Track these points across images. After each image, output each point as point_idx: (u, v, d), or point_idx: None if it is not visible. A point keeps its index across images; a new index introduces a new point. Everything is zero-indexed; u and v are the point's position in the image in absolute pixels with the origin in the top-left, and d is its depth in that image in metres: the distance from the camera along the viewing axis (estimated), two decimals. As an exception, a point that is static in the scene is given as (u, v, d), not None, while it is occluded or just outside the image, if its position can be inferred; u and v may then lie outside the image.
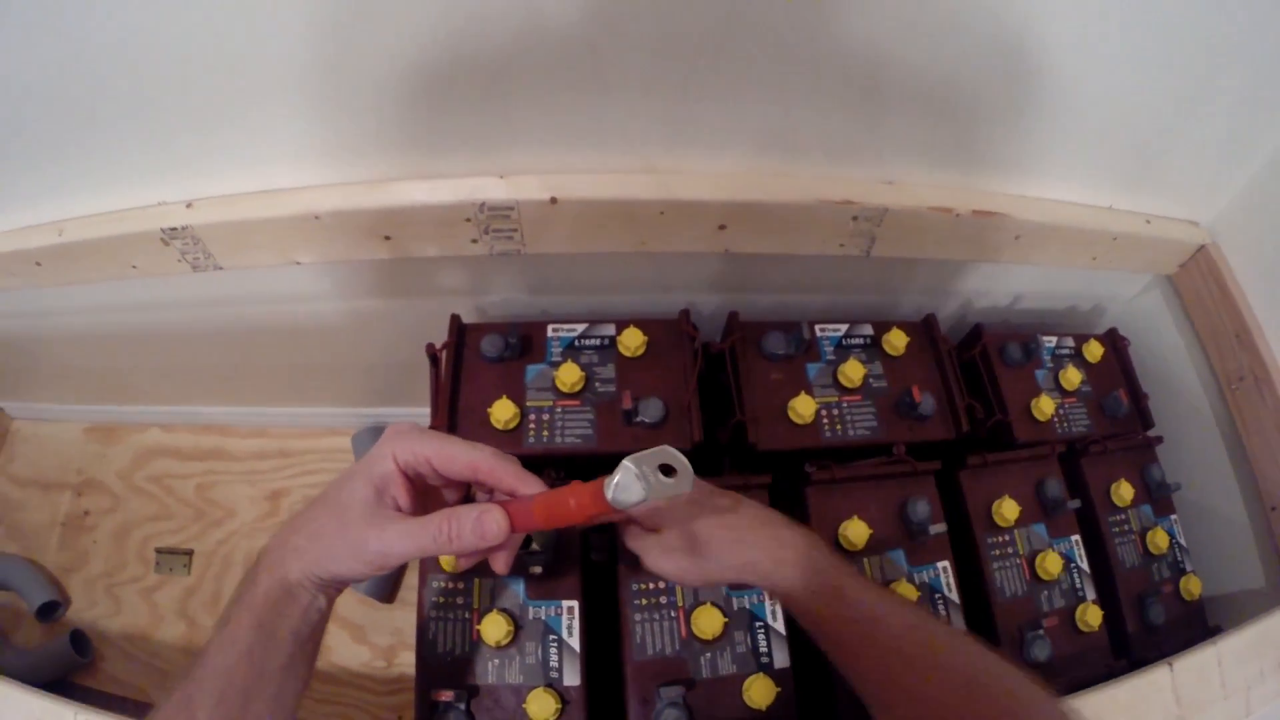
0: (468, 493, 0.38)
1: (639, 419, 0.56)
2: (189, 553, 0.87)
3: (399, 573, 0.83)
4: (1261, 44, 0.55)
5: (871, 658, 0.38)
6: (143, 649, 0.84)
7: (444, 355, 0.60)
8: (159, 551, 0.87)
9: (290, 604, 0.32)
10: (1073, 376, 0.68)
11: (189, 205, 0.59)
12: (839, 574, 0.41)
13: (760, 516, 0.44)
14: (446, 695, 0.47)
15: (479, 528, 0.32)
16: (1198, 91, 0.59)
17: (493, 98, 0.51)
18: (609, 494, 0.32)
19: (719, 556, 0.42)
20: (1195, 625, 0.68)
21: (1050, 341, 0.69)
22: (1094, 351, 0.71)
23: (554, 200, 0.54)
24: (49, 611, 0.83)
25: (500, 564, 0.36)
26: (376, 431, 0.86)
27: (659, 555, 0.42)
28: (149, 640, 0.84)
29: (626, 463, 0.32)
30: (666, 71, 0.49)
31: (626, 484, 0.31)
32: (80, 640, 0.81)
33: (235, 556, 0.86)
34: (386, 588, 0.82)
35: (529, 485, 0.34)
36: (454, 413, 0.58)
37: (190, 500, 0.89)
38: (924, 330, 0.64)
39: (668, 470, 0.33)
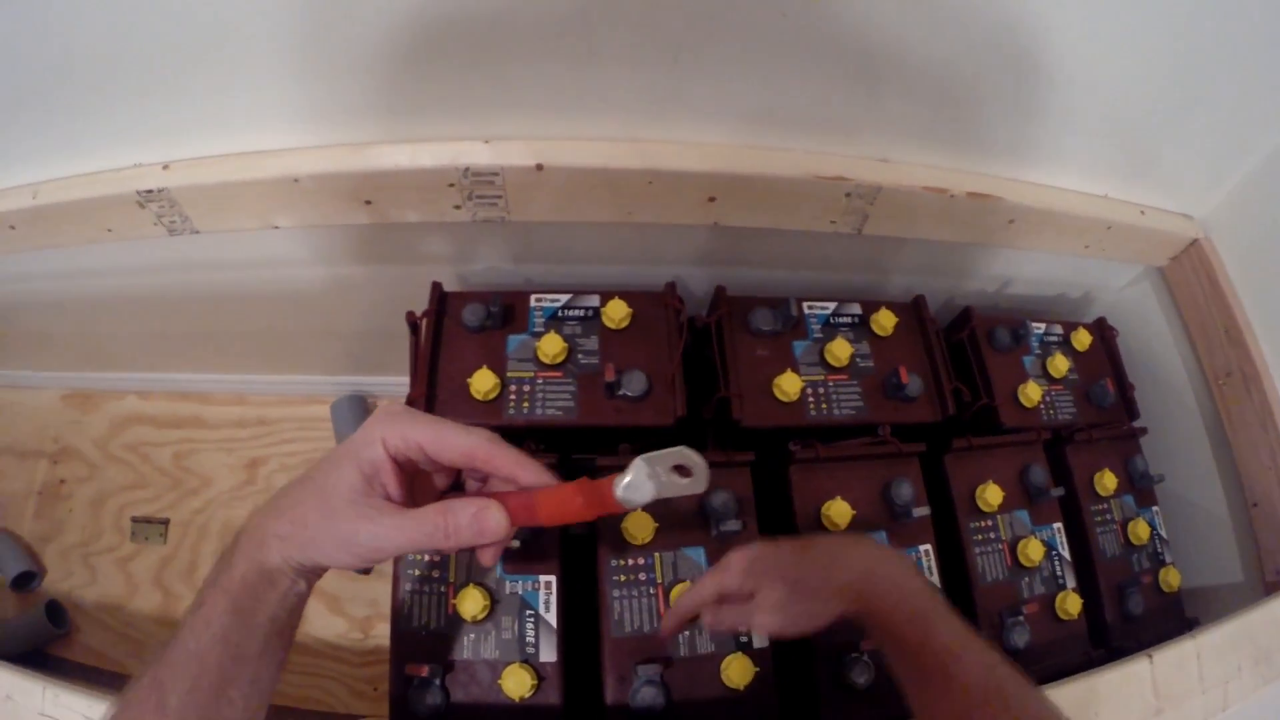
0: (458, 478, 0.36)
1: (622, 392, 0.55)
2: (165, 522, 0.85)
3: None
4: (1263, 44, 0.55)
5: (947, 693, 0.37)
6: (118, 619, 0.83)
7: (424, 323, 0.58)
8: (135, 520, 0.86)
9: (269, 589, 0.30)
10: (1060, 364, 0.67)
11: (165, 167, 0.58)
12: (930, 600, 0.40)
13: (842, 539, 0.45)
14: (422, 670, 0.46)
15: (477, 524, 0.30)
16: (1199, 87, 0.59)
17: (480, 62, 0.49)
18: (619, 493, 0.31)
19: (817, 591, 0.41)
20: (1173, 617, 0.68)
21: (1039, 328, 0.69)
22: (1082, 340, 0.70)
23: (540, 167, 0.53)
24: (25, 581, 0.82)
25: (488, 557, 0.34)
26: (356, 400, 0.85)
27: (768, 616, 0.41)
28: (124, 610, 0.83)
29: (639, 461, 0.31)
30: (658, 42, 0.48)
31: (638, 483, 0.31)
32: (56, 611, 0.80)
33: (212, 526, 0.84)
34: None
35: (529, 472, 0.32)
36: (433, 383, 0.57)
37: (167, 469, 0.87)
38: (913, 311, 0.64)
39: (682, 471, 0.32)
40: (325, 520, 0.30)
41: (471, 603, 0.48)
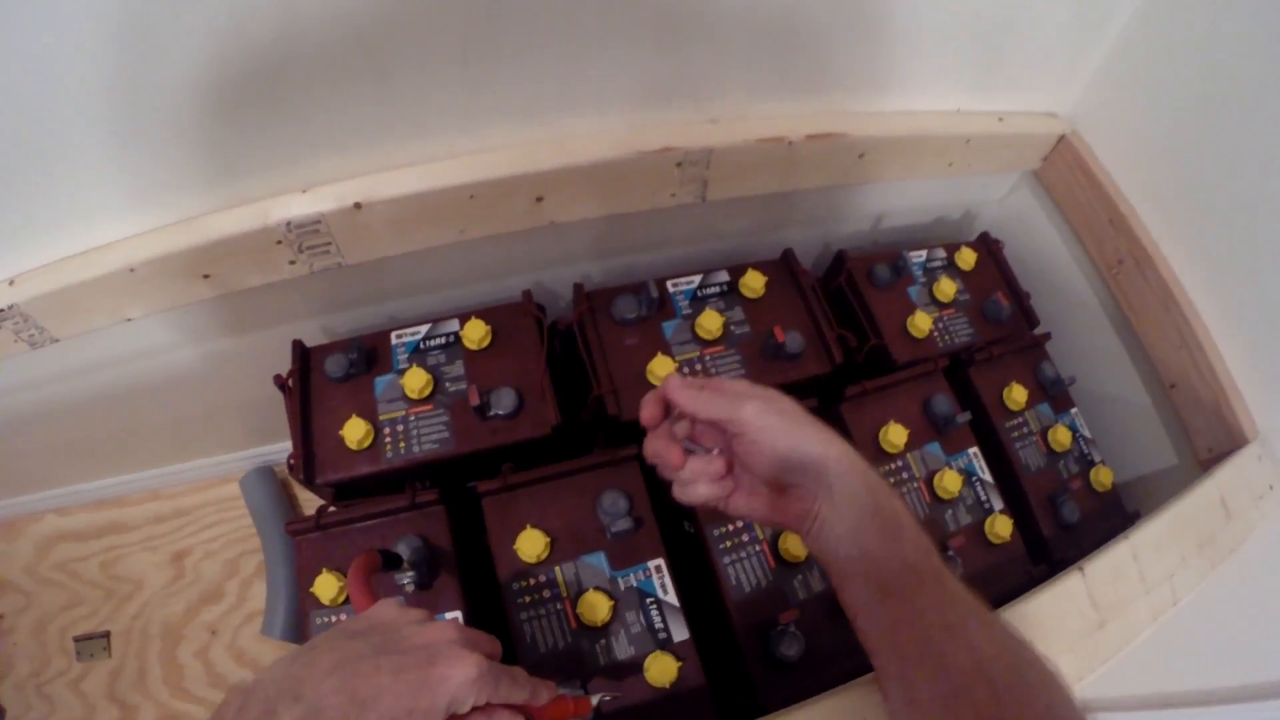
0: None
1: (493, 412, 0.53)
2: (106, 635, 0.83)
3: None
4: None
5: (910, 615, 0.34)
6: (83, 744, 0.81)
7: (291, 383, 0.57)
8: (77, 640, 0.84)
9: None
10: (947, 287, 0.66)
11: (11, 283, 0.56)
12: (895, 498, 0.36)
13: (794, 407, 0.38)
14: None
15: None
16: None
17: (277, 111, 0.48)
18: None
19: (819, 429, 0.37)
20: (1114, 515, 0.67)
21: (919, 256, 0.68)
22: (967, 259, 0.69)
23: (358, 205, 0.51)
24: (-14, 725, 0.80)
25: None
26: (265, 471, 0.83)
27: (745, 502, 0.39)
28: (87, 733, 0.81)
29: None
30: (442, 45, 0.46)
31: None
32: (19, 747, 0.78)
33: (151, 629, 0.82)
34: (301, 627, 0.79)
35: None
36: (309, 440, 0.55)
37: (97, 580, 0.85)
38: (784, 266, 0.62)
39: None
40: None
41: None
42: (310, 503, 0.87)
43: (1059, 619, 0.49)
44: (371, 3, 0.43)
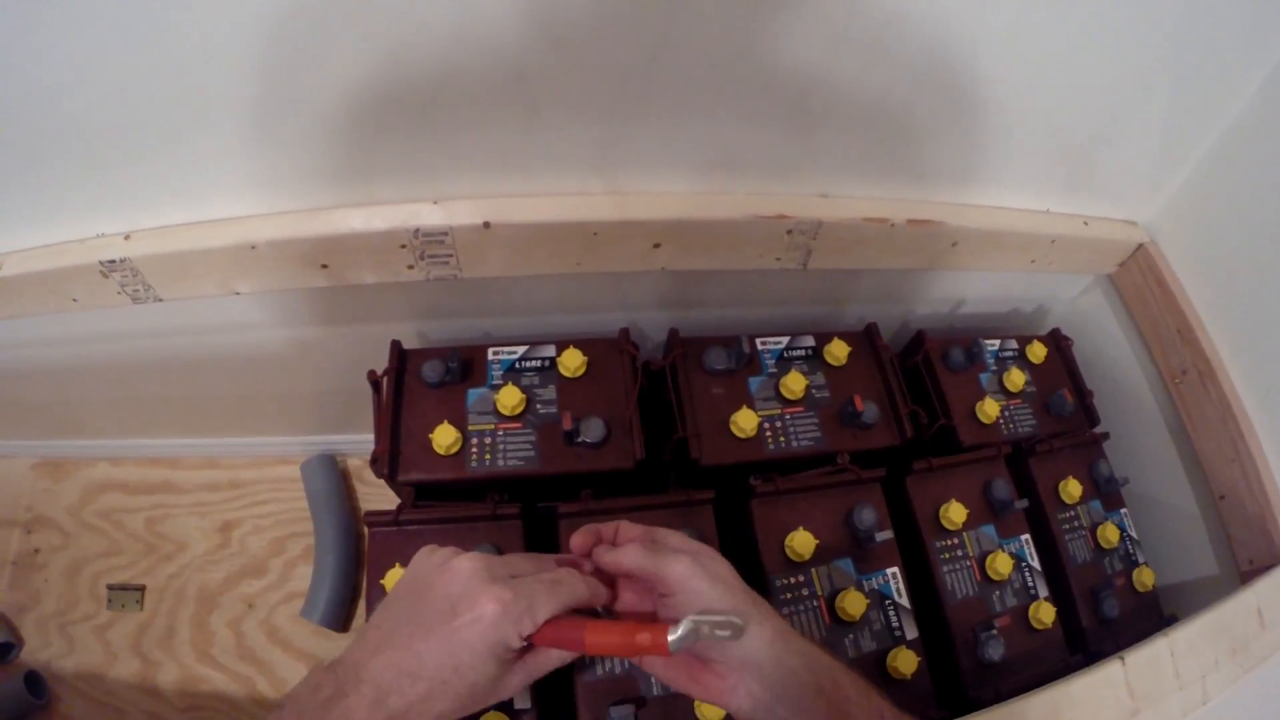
0: None
1: (581, 439, 0.55)
2: (141, 588, 0.85)
3: (351, 599, 0.82)
4: (1191, 45, 0.56)
5: None
6: (98, 689, 0.82)
7: (385, 381, 0.59)
8: (110, 588, 0.85)
9: None
10: (1016, 378, 0.69)
11: (127, 237, 0.58)
12: (839, 672, 0.35)
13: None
14: None
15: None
16: (1131, 94, 0.60)
17: (426, 129, 0.51)
18: (671, 644, 0.32)
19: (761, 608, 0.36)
20: (1150, 616, 0.68)
21: (993, 344, 0.70)
22: (1037, 352, 0.72)
23: (487, 225, 0.54)
24: (3, 653, 0.81)
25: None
26: (326, 459, 0.85)
27: (660, 667, 0.38)
28: (104, 680, 0.82)
29: (689, 621, 0.33)
30: (596, 96, 0.49)
31: (686, 638, 0.32)
32: (35, 682, 0.79)
33: (188, 591, 0.84)
34: (341, 616, 0.81)
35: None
36: (396, 438, 0.57)
37: (140, 535, 0.87)
38: (865, 339, 0.65)
39: (722, 626, 0.33)
40: (472, 702, 0.32)
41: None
42: (369, 498, 0.88)
43: (1097, 703, 0.51)
44: (538, 51, 0.46)
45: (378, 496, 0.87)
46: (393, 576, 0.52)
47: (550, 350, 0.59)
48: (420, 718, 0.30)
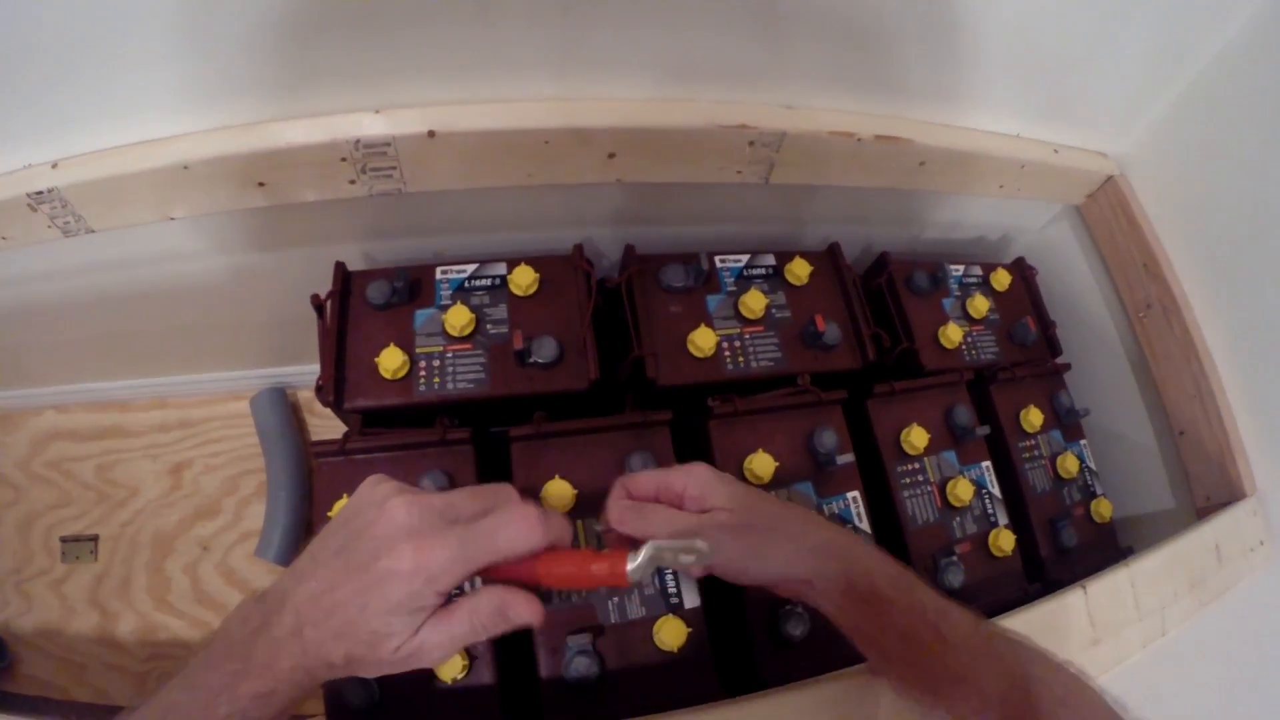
0: None
1: (533, 359, 0.53)
2: (94, 538, 0.82)
3: (307, 535, 0.80)
4: None
5: (941, 650, 0.36)
6: (59, 645, 0.80)
7: (329, 305, 0.57)
8: (64, 540, 0.83)
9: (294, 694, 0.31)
10: (980, 304, 0.68)
11: (54, 166, 0.55)
12: (905, 568, 0.39)
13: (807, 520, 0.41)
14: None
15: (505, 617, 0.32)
16: (1112, 24, 0.59)
17: (367, 27, 0.47)
18: (631, 574, 0.33)
19: (794, 536, 0.39)
20: (1107, 547, 0.69)
21: (957, 270, 0.69)
22: (1002, 280, 0.71)
23: (432, 134, 0.51)
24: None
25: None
26: (276, 392, 0.83)
27: (723, 536, 0.39)
28: (64, 635, 0.80)
29: (650, 547, 0.33)
30: (548, -3, 0.46)
31: (645, 567, 0.33)
32: (-3, 646, 0.77)
33: (142, 537, 0.81)
34: (296, 553, 0.79)
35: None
36: (341, 364, 0.55)
37: (91, 483, 0.84)
38: (828, 259, 0.63)
39: (687, 550, 0.34)
40: (371, 651, 0.30)
41: None
42: (321, 430, 0.86)
43: (1059, 631, 0.51)
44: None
45: (330, 429, 0.84)
46: (340, 508, 0.51)
47: (501, 268, 0.57)
48: (331, 655, 0.30)
